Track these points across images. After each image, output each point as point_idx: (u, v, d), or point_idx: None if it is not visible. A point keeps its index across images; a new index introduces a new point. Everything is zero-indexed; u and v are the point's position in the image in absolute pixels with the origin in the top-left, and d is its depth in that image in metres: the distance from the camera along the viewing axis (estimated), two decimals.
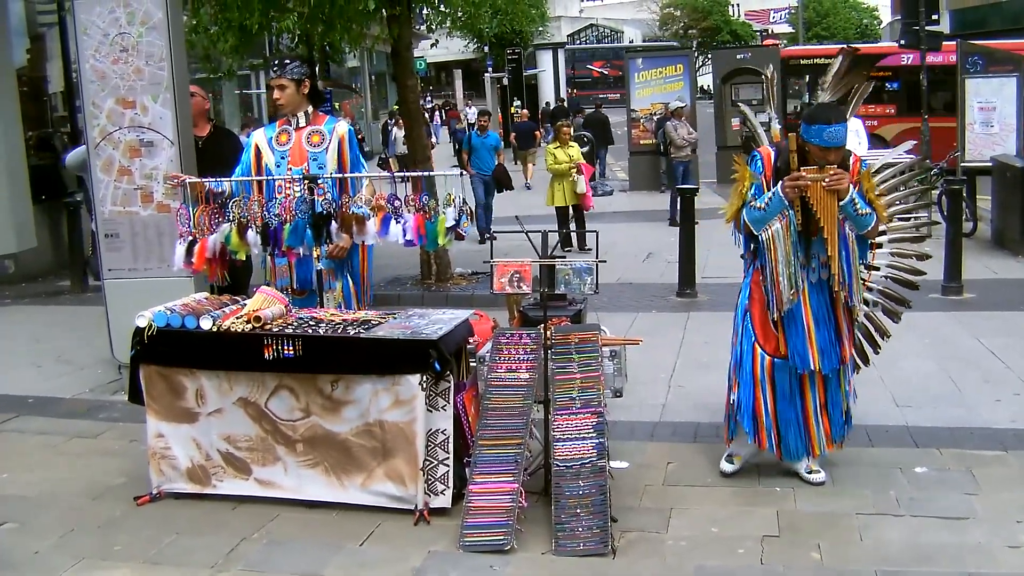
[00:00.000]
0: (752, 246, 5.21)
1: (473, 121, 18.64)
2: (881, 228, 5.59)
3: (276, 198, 5.75)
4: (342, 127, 6.14)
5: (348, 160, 6.01)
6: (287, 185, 5.86)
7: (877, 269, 5.73)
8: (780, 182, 4.95)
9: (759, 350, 5.18)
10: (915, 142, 6.98)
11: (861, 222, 4.96)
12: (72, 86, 12.88)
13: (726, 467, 5.38)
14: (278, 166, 5.98)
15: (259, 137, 6.13)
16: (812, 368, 5.10)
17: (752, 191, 5.06)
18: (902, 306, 5.80)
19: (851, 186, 4.90)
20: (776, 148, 5.19)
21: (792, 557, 4.47)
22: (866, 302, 5.71)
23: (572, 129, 15.22)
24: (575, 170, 13.33)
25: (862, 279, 5.58)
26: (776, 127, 5.72)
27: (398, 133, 23.50)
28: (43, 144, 13.66)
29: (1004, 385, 6.83)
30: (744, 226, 5.14)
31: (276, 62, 6.10)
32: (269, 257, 6.01)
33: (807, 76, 21.39)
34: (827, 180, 4.83)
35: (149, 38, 6.88)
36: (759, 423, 5.22)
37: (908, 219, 5.86)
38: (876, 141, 16.70)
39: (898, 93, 21.16)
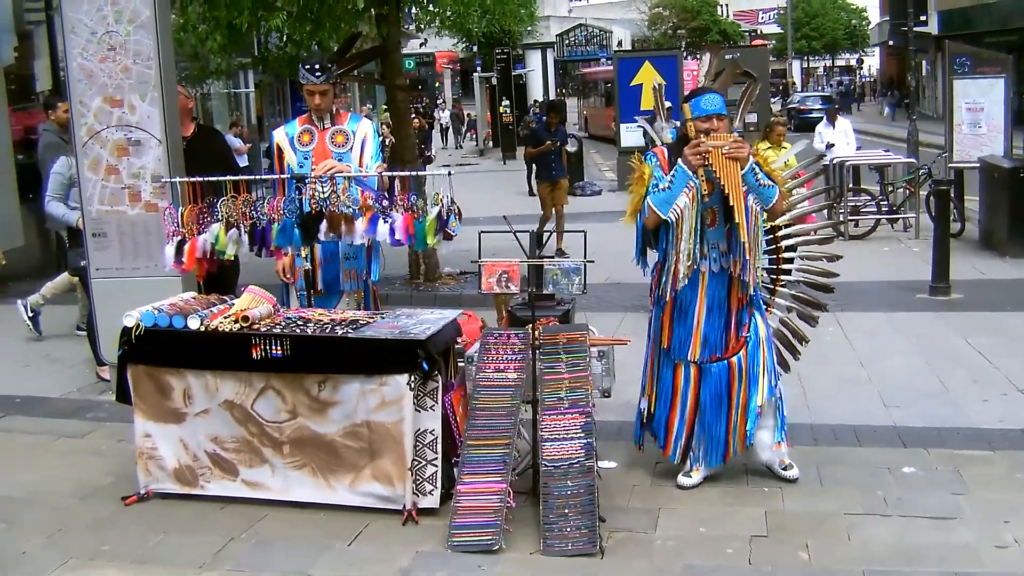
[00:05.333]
0: (648, 250, 5.29)
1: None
2: (788, 231, 5.66)
3: (295, 198, 5.65)
4: (366, 125, 6.06)
5: (367, 158, 5.93)
6: (311, 184, 5.68)
7: (788, 274, 5.73)
8: (681, 156, 4.98)
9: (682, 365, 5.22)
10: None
11: (764, 193, 4.97)
12: (60, 84, 12.82)
13: (684, 481, 5.29)
14: (301, 166, 5.89)
15: (280, 136, 6.03)
16: (689, 358, 5.16)
17: (654, 178, 5.08)
18: (818, 309, 5.82)
19: (751, 156, 4.93)
20: (668, 147, 5.23)
21: (780, 557, 4.48)
22: (780, 308, 5.75)
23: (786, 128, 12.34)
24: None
25: (771, 285, 5.68)
26: (668, 136, 5.78)
27: None
28: (30, 143, 13.59)
29: (991, 385, 6.86)
30: (642, 228, 5.20)
31: (312, 65, 5.89)
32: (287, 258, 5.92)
33: None
34: (727, 148, 4.87)
35: (137, 36, 6.84)
36: (669, 433, 5.28)
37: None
38: None
39: None
